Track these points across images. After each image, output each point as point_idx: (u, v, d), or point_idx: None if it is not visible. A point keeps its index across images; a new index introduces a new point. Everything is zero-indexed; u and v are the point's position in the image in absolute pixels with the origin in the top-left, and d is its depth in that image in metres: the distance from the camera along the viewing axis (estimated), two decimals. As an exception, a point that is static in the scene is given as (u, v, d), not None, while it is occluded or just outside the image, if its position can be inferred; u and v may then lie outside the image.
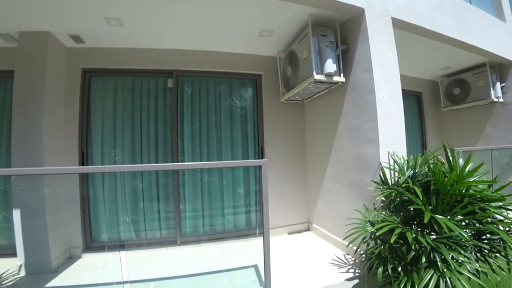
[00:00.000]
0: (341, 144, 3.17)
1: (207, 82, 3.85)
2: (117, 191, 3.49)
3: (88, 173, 3.44)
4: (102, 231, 3.44)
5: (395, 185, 2.47)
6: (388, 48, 2.84)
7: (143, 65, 3.57)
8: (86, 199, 3.36)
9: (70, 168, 3.16)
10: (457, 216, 2.17)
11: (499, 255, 2.19)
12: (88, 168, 3.34)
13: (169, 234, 3.55)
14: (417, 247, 2.06)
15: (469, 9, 4.06)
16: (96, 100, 3.50)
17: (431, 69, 5.07)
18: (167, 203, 3.57)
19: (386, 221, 2.27)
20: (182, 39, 3.42)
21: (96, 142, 3.46)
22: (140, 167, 3.07)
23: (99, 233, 3.43)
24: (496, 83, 4.57)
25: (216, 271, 2.84)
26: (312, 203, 3.96)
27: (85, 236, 3.33)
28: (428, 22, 3.34)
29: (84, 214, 3.34)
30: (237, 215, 3.84)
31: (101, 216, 3.42)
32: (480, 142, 4.98)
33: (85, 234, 3.33)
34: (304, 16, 2.92)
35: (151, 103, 3.64)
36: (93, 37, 3.24)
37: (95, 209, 3.41)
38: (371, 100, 2.67)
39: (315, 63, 2.76)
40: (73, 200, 3.27)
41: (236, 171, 3.82)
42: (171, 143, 3.61)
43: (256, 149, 3.96)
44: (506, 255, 2.16)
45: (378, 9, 2.89)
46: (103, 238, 3.43)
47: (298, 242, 3.57)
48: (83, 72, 3.44)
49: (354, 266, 2.70)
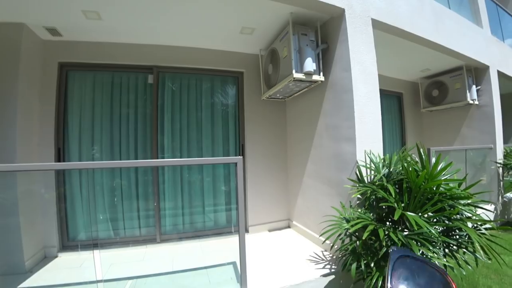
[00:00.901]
0: (320, 142, 3.21)
1: (188, 79, 3.81)
2: (95, 189, 3.41)
3: (64, 170, 3.35)
4: (80, 229, 3.35)
5: (371, 183, 2.53)
6: (367, 49, 2.89)
7: (122, 60, 3.49)
8: (62, 197, 3.27)
9: (45, 164, 3.05)
10: (428, 213, 2.25)
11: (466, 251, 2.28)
12: (64, 164, 3.23)
13: (149, 232, 3.50)
14: (389, 243, 2.11)
15: (447, 14, 4.18)
16: (74, 96, 3.40)
17: (411, 71, 5.20)
18: (147, 201, 3.52)
19: (360, 218, 2.32)
20: (163, 34, 3.37)
21: (73, 139, 3.36)
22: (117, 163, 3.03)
23: (76, 231, 3.34)
24: (472, 86, 4.74)
25: (194, 269, 2.83)
26: (293, 200, 3.99)
27: (61, 235, 3.24)
28: (407, 25, 3.42)
29: (61, 212, 3.24)
30: (218, 213, 3.84)
31: (78, 215, 3.34)
32: (457, 142, 5.15)
33: (61, 233, 3.24)
34: (285, 15, 2.93)
35: (130, 99, 3.57)
36: (70, 30, 3.14)
37: (72, 207, 3.32)
38: (348, 99, 2.71)
39: (295, 61, 2.78)
40: (49, 198, 3.17)
41: (217, 168, 3.81)
42: (151, 140, 3.55)
43: (237, 146, 3.96)
44: (474, 250, 2.25)
45: (358, 10, 2.94)
46: (80, 236, 3.35)
47: (278, 239, 3.59)
48: (60, 66, 3.33)
49: (330, 263, 2.74)
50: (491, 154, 4.71)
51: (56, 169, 3.38)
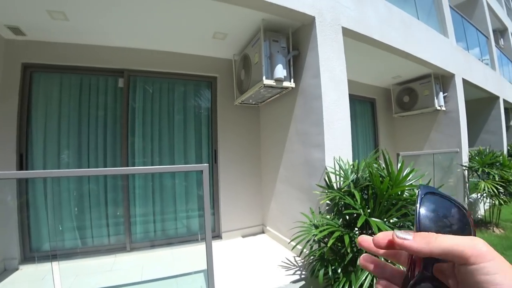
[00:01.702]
0: (291, 148, 3.24)
1: (160, 83, 3.73)
2: (60, 196, 3.25)
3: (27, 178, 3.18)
4: (43, 240, 3.18)
5: (339, 189, 2.57)
6: (337, 56, 2.95)
7: (92, 62, 3.36)
8: (24, 206, 3.09)
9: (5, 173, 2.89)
10: (393, 218, 2.31)
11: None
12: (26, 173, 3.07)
13: (118, 241, 3.38)
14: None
15: (416, 24, 4.36)
16: (39, 99, 3.23)
17: (383, 77, 5.37)
18: (116, 208, 3.40)
19: (328, 224, 2.35)
20: (134, 37, 3.28)
21: (37, 144, 3.19)
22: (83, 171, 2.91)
23: (40, 242, 3.16)
24: (440, 93, 4.97)
25: (164, 278, 2.76)
26: (266, 206, 4.00)
27: (23, 246, 3.05)
28: (377, 33, 3.53)
29: (23, 222, 3.06)
30: (191, 219, 3.78)
31: (42, 224, 3.16)
32: (426, 146, 5.37)
33: (23, 244, 3.05)
34: (257, 21, 2.94)
35: (100, 103, 3.44)
36: (35, 30, 2.99)
37: (35, 216, 3.15)
38: (318, 105, 2.75)
39: (265, 67, 2.79)
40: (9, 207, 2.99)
41: (190, 174, 3.75)
42: (120, 145, 3.44)
43: (210, 151, 3.92)
44: None
45: (329, 18, 3.00)
46: (44, 247, 3.18)
47: (251, 245, 3.58)
48: (24, 68, 3.16)
49: (301, 268, 2.76)
50: (457, 157, 4.94)
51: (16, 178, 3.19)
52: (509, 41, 9.49)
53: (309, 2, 2.85)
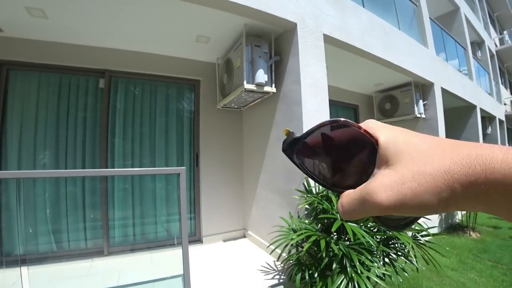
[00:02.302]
0: (272, 153, 3.26)
1: (142, 85, 3.70)
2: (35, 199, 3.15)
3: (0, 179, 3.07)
4: (18, 243, 3.06)
5: (317, 194, 2.60)
6: (318, 63, 3.01)
7: (72, 62, 3.30)
8: (-4, 208, 2.98)
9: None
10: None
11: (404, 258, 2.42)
12: (0, 172, 2.97)
13: (96, 244, 3.30)
14: (331, 253, 2.18)
15: (397, 34, 4.50)
16: (15, 97, 3.14)
17: (366, 85, 5.50)
18: (94, 211, 3.32)
19: (306, 229, 2.37)
20: (116, 38, 3.24)
21: (12, 144, 3.08)
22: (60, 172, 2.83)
23: (12, 246, 3.05)
24: (419, 101, 5.12)
25: (141, 282, 2.70)
26: (248, 210, 3.99)
27: (-7, 249, 2.94)
28: (358, 41, 3.61)
29: (-6, 225, 2.95)
30: (171, 223, 3.73)
31: (13, 227, 3.05)
32: (407, 153, 5.49)
33: (-6, 248, 2.94)
34: (240, 26, 2.97)
35: (79, 103, 3.37)
36: (13, 27, 2.91)
37: (7, 219, 3.03)
38: (298, 111, 2.79)
39: (246, 72, 2.81)
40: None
41: (171, 177, 3.70)
42: (100, 146, 3.38)
43: (192, 155, 3.90)
44: (415, 257, 2.37)
45: (310, 25, 3.05)
46: (16, 251, 3.06)
47: (232, 249, 3.56)
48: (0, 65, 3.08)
49: (280, 273, 2.76)
50: (436, 164, 5.07)
51: (-12, 178, 3.08)
52: (485, 53, 9.93)
53: (291, 8, 2.90)
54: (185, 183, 1.99)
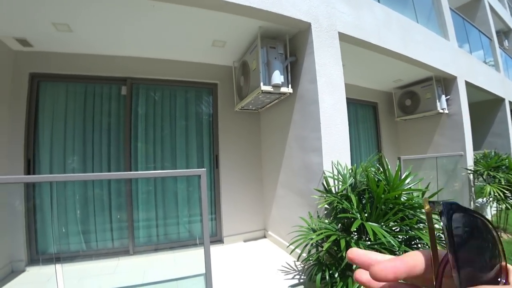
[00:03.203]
0: (290, 153, 3.27)
1: (162, 90, 3.83)
2: (66, 201, 3.34)
3: (34, 182, 3.29)
4: (49, 243, 3.27)
5: (337, 194, 2.58)
6: (333, 61, 2.99)
7: (95, 71, 3.48)
8: (32, 210, 3.19)
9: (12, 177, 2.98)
10: (390, 223, 2.31)
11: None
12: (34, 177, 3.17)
13: (122, 244, 3.45)
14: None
15: (415, 28, 4.37)
16: (45, 107, 3.36)
17: (385, 81, 5.37)
18: (120, 212, 3.48)
19: (326, 228, 2.37)
20: (136, 46, 3.39)
21: (44, 150, 3.30)
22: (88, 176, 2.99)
23: (46, 245, 3.25)
24: (442, 96, 4.93)
25: (165, 281, 2.80)
26: (268, 210, 4.01)
27: (29, 248, 3.14)
28: (374, 38, 3.55)
29: (30, 225, 3.15)
30: (193, 224, 3.82)
31: (48, 227, 3.26)
32: (430, 149, 5.31)
33: (30, 246, 3.14)
34: (255, 29, 3.01)
35: (104, 110, 3.55)
36: (41, 41, 3.13)
37: (42, 219, 3.25)
38: (315, 110, 2.78)
39: (263, 74, 2.84)
40: (17, 210, 3.09)
41: (192, 179, 3.80)
42: (124, 151, 3.53)
43: (212, 157, 3.98)
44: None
45: (325, 24, 3.04)
46: (50, 250, 3.26)
47: (253, 249, 3.60)
48: (31, 77, 3.29)
49: (300, 273, 2.77)
50: (462, 161, 4.88)
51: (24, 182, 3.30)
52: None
53: (305, 8, 2.90)
54: (206, 185, 2.05)
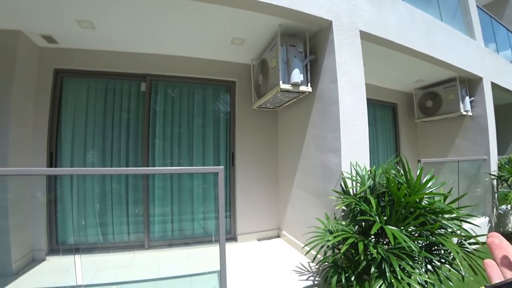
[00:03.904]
0: (308, 153, 3.22)
1: (180, 87, 3.86)
2: (85, 193, 3.44)
3: (56, 175, 3.40)
4: (69, 234, 3.37)
5: (355, 195, 2.53)
6: (354, 60, 2.92)
7: (116, 68, 3.55)
8: (53, 201, 3.30)
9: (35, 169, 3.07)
10: (410, 227, 2.24)
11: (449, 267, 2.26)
12: (56, 170, 3.28)
13: (137, 238, 3.52)
14: (369, 257, 2.10)
15: (439, 26, 4.21)
16: (68, 102, 3.46)
17: (405, 82, 5.22)
18: (137, 207, 3.54)
19: (343, 230, 2.32)
20: (156, 43, 3.43)
21: (65, 144, 3.40)
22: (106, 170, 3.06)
23: (65, 236, 3.36)
24: (466, 97, 4.74)
25: (179, 276, 2.83)
26: (282, 210, 3.99)
27: (50, 238, 3.25)
28: (397, 36, 3.45)
29: (50, 216, 3.26)
30: (207, 220, 3.84)
31: (68, 219, 3.36)
32: (451, 153, 5.13)
33: (50, 237, 3.25)
34: (275, 26, 2.98)
35: (123, 106, 3.62)
36: (65, 38, 3.21)
37: (62, 211, 3.35)
38: (335, 110, 2.73)
39: (282, 72, 2.81)
40: (39, 201, 3.21)
41: (207, 176, 3.82)
42: (142, 146, 3.59)
43: (228, 154, 3.99)
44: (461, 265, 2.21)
45: (346, 22, 2.97)
46: (69, 241, 3.37)
47: (266, 248, 3.58)
48: (55, 73, 3.39)
49: (315, 274, 2.73)
50: (485, 165, 4.68)
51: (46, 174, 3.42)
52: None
53: (326, 6, 2.85)
54: (223, 182, 2.05)
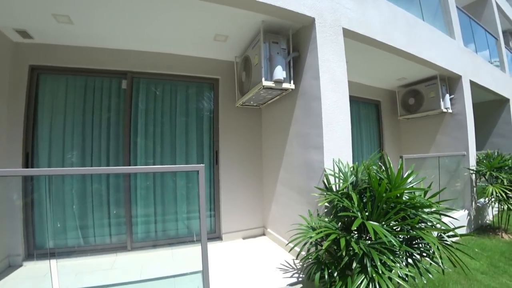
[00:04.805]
0: (291, 150, 3.22)
1: (163, 85, 3.78)
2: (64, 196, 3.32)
3: (32, 176, 3.26)
4: (47, 237, 3.24)
5: (338, 192, 2.54)
6: (337, 58, 2.93)
7: (96, 64, 3.44)
8: (29, 204, 3.16)
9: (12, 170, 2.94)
10: (391, 222, 2.27)
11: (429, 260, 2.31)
12: (33, 170, 3.13)
13: (120, 240, 3.42)
14: (351, 252, 2.12)
15: (421, 25, 4.30)
16: (45, 99, 3.32)
17: (388, 79, 5.31)
18: (118, 207, 3.45)
19: (326, 227, 2.33)
20: (137, 40, 3.34)
21: (42, 144, 3.27)
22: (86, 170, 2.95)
23: (44, 240, 3.23)
24: (446, 95, 4.87)
25: (162, 277, 2.78)
26: (267, 208, 3.98)
27: (27, 243, 3.11)
28: (379, 35, 3.49)
29: (27, 219, 3.12)
30: (191, 220, 3.79)
31: (45, 222, 3.23)
32: (432, 149, 5.26)
33: (27, 241, 3.12)
34: (257, 23, 2.95)
35: (104, 104, 3.51)
36: (42, 33, 3.08)
37: (39, 214, 3.22)
38: (317, 107, 2.74)
39: (264, 69, 2.79)
40: (15, 205, 3.07)
41: (191, 175, 3.77)
42: (123, 145, 3.50)
43: (212, 153, 3.94)
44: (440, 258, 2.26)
45: (329, 19, 2.98)
46: (48, 245, 3.24)
47: (251, 247, 3.57)
48: (31, 69, 3.25)
49: (299, 271, 2.73)
50: (464, 161, 4.83)
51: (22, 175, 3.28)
52: (520, 42, 9.27)
53: (309, 3, 2.84)
54: (204, 180, 2.01)
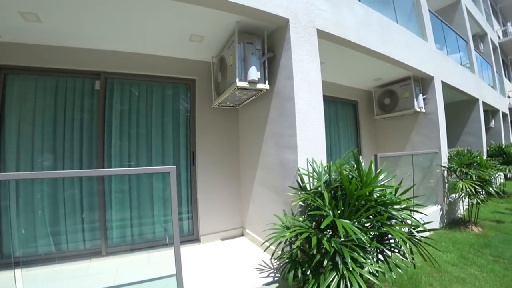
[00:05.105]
0: (267, 150, 3.24)
1: (138, 86, 3.71)
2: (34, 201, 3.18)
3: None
4: (16, 245, 3.09)
5: (311, 191, 2.58)
6: (311, 58, 2.98)
7: (68, 64, 3.31)
8: (-4, 210, 3.02)
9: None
10: (362, 219, 2.32)
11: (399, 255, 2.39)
12: None
13: (94, 245, 3.32)
14: (323, 250, 2.15)
15: (394, 27, 4.43)
16: (12, 101, 3.17)
17: (365, 80, 5.45)
18: (92, 212, 3.34)
19: (299, 226, 2.35)
20: (110, 40, 3.25)
21: (10, 147, 3.11)
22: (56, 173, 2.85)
23: (12, 248, 3.08)
24: (419, 95, 5.06)
25: (137, 282, 2.72)
26: (245, 208, 3.99)
27: (-7, 252, 2.98)
28: (353, 36, 3.57)
29: (-7, 227, 2.98)
30: (169, 223, 3.73)
31: (13, 229, 3.08)
32: (407, 147, 5.45)
33: (-7, 250, 2.98)
34: (232, 23, 2.95)
35: (76, 105, 3.39)
36: (8, 32, 2.93)
37: (7, 221, 3.07)
38: (291, 107, 2.76)
39: (239, 70, 2.79)
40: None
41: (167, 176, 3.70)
42: (96, 148, 3.40)
43: (188, 154, 3.90)
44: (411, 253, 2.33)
45: (303, 21, 3.02)
46: (17, 253, 3.10)
47: (230, 248, 3.56)
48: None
49: (275, 271, 2.75)
50: (437, 158, 5.03)
51: (-13, 180, 3.12)
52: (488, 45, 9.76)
53: (284, 4, 2.87)
54: (175, 182, 1.99)
